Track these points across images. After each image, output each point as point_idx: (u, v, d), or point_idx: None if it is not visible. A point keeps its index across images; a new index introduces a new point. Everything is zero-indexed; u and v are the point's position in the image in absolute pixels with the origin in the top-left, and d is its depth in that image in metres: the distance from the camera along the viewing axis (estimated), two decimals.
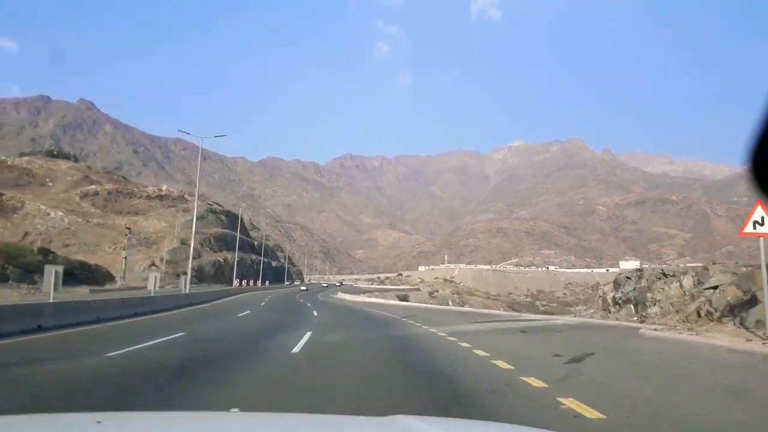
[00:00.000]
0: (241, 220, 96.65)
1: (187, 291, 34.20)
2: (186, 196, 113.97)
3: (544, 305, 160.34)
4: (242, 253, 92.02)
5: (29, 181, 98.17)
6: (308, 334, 14.50)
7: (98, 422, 2.11)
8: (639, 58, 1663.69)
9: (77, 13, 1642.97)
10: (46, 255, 44.14)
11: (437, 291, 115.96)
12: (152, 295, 27.65)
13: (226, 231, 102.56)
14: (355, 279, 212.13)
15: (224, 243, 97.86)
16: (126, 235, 38.10)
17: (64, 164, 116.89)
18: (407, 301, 62.75)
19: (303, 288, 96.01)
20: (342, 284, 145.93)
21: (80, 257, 55.94)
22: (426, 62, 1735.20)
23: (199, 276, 76.70)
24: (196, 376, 8.36)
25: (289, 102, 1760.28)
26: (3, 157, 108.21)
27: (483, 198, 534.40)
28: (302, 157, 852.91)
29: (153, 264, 68.22)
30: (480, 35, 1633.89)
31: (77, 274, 43.34)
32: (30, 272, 39.36)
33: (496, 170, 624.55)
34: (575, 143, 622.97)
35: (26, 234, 71.80)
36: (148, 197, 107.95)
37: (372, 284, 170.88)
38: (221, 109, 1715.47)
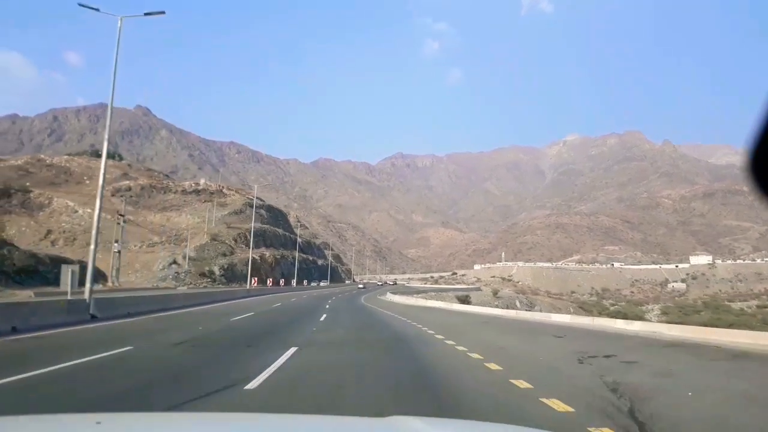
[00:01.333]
0: (283, 214, 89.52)
1: (86, 296, 19.48)
2: (224, 190, 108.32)
3: (612, 305, 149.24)
4: (284, 250, 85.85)
5: (66, 179, 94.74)
6: None
7: (98, 423, 2.10)
8: (695, 46, 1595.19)
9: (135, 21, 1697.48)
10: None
11: (499, 291, 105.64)
12: None
13: (266, 227, 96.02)
14: (408, 278, 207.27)
15: (263, 239, 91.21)
16: (119, 224, 31.36)
17: None
18: (469, 303, 51.45)
19: (360, 286, 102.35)
20: (395, 283, 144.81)
21: (99, 256, 50.27)
22: (476, 58, 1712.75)
23: (230, 274, 70.22)
24: None
25: (341, 103, 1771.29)
26: (42, 156, 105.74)
27: (538, 194, 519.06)
28: (354, 157, 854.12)
29: (174, 262, 61.77)
30: (531, 29, 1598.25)
31: (45, 272, 36.27)
32: None
33: (551, 165, 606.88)
34: (633, 135, 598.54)
35: (49, 232, 67.30)
36: (184, 192, 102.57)
37: (425, 284, 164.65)
38: (275, 111, 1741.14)
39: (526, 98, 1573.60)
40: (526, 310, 56.72)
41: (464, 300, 54.06)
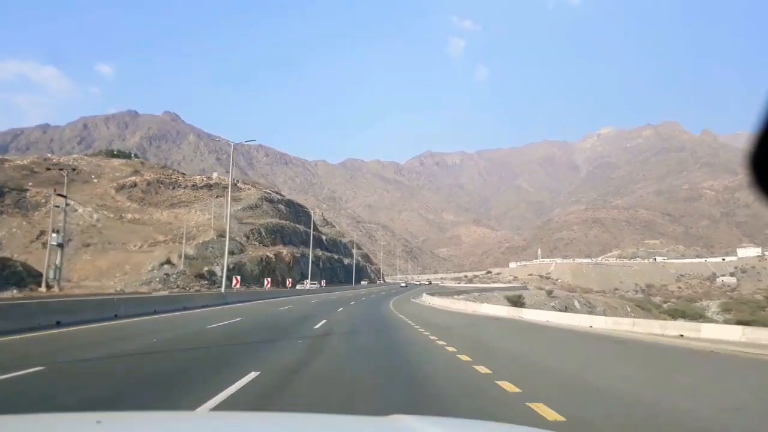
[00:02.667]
0: (305, 210, 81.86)
1: None
2: (239, 184, 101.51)
3: (664, 302, 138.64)
4: (304, 248, 78.86)
5: (72, 179, 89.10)
6: None
7: (98, 422, 2.09)
8: (730, 32, 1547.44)
9: (164, 29, 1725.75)
10: None
11: (552, 290, 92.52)
12: None
13: (284, 222, 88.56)
14: (441, 278, 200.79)
15: (280, 235, 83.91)
16: (59, 206, 24.85)
17: (116, 161, 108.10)
18: (522, 305, 40.59)
19: (403, 284, 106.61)
20: (430, 283, 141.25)
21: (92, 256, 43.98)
22: (503, 54, 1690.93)
23: (235, 275, 62.77)
24: None
25: (368, 103, 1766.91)
26: (49, 155, 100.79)
27: (573, 189, 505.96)
28: (382, 157, 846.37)
29: (168, 261, 54.28)
30: (559, 22, 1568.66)
31: None
32: None
33: (586, 159, 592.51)
34: (670, 126, 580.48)
35: (42, 233, 61.33)
36: (195, 187, 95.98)
37: (459, 283, 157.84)
38: (302, 113, 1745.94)
39: (556, 92, 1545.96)
40: (588, 312, 48.06)
41: (516, 302, 44.27)
